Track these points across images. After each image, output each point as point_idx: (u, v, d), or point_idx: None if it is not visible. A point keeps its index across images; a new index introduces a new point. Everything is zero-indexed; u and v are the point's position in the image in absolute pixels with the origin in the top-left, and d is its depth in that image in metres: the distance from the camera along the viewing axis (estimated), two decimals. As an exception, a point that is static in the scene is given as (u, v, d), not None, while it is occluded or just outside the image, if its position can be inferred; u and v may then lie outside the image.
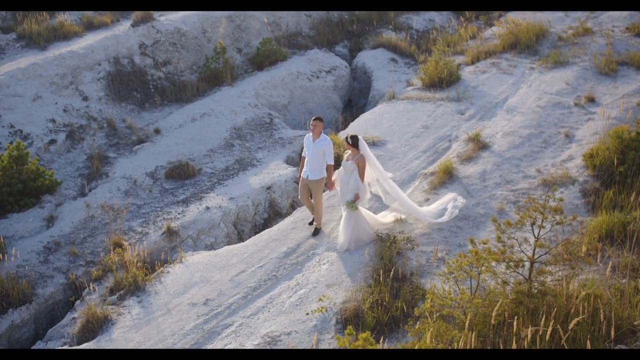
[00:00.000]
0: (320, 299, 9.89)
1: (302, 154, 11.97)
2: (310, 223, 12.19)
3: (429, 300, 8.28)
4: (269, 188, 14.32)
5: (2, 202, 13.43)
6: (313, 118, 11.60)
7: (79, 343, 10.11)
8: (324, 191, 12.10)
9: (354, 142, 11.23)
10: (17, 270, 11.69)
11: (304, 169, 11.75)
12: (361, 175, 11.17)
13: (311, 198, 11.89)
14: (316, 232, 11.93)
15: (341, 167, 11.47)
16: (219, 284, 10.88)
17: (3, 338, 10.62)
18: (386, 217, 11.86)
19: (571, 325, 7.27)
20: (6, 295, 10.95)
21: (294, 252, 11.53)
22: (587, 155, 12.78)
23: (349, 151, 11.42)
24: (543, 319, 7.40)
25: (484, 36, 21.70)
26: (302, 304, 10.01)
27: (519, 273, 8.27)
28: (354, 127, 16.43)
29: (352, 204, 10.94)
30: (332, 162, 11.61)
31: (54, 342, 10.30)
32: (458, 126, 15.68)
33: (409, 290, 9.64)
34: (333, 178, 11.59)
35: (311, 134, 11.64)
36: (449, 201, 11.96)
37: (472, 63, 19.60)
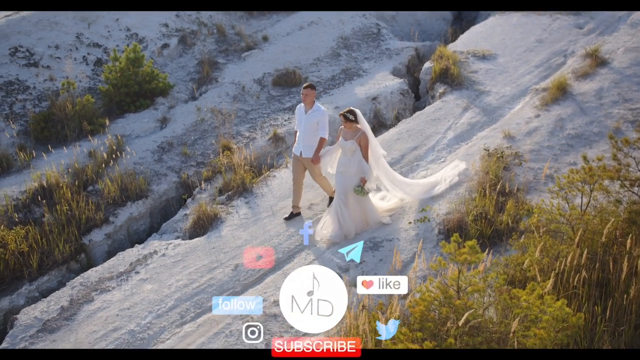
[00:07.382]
0: (423, 209, 9.96)
1: (295, 128, 10.51)
2: (288, 217, 10.56)
3: (535, 215, 8.17)
4: (374, 99, 14.25)
5: (120, 103, 14.10)
6: (303, 86, 9.94)
7: (191, 237, 10.69)
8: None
9: (352, 117, 9.54)
10: (134, 167, 12.36)
11: (295, 145, 10.27)
12: (365, 155, 9.59)
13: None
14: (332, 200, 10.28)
15: (335, 146, 9.94)
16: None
17: (123, 228, 11.38)
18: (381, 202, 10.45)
19: (688, 248, 7.03)
20: (125, 189, 11.67)
21: (398, 162, 11.57)
22: None
23: (344, 127, 9.66)
24: (657, 240, 7.18)
25: (610, -55, 20.20)
26: (405, 213, 10.11)
27: (634, 192, 8.00)
28: (464, 40, 15.95)
29: (362, 190, 9.56)
30: (325, 136, 9.99)
31: (168, 235, 10.94)
32: (575, 41, 14.92)
33: (514, 205, 9.54)
34: (320, 153, 9.99)
35: (303, 104, 10.08)
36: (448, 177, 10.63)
37: (595, -26, 18.37)
